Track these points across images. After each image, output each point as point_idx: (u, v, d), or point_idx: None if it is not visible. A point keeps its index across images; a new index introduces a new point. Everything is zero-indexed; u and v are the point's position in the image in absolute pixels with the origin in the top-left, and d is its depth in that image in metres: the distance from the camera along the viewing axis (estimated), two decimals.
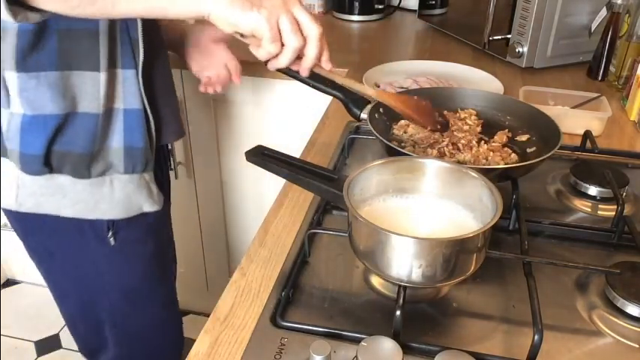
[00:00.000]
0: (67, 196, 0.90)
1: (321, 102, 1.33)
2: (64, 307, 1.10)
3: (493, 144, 0.92)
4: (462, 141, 0.91)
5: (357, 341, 0.60)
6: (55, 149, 0.86)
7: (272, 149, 0.79)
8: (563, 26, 1.41)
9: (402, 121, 0.97)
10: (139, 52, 0.85)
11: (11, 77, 0.82)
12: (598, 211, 0.91)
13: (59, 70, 0.81)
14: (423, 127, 0.92)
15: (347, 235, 0.71)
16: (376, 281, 0.75)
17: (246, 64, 1.09)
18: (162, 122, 0.95)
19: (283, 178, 0.78)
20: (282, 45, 0.71)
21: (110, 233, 0.94)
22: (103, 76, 0.83)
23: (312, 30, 0.71)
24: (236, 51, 1.06)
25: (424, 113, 0.92)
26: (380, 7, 1.88)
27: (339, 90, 0.91)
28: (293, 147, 1.53)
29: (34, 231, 0.98)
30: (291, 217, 0.88)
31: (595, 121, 1.13)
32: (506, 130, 0.96)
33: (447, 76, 1.35)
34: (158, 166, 1.00)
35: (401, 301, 0.64)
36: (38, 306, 2.02)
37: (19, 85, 0.82)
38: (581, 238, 0.84)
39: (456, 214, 0.73)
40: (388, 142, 0.85)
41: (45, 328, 1.93)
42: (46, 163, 0.87)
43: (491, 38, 1.50)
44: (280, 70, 0.77)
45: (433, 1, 1.75)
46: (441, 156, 0.88)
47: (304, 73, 0.76)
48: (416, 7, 1.80)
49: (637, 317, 0.69)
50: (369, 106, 0.90)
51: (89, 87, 0.83)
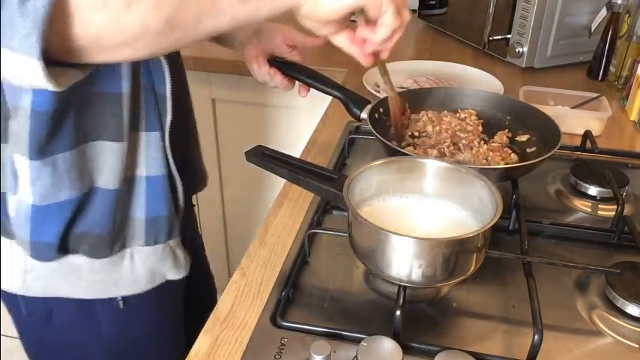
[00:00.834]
0: (82, 278, 0.79)
1: (321, 102, 1.33)
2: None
3: (493, 144, 0.92)
4: (463, 141, 0.91)
5: (357, 341, 0.60)
6: (72, 232, 0.75)
7: (272, 149, 0.79)
8: (563, 26, 1.41)
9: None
10: (167, 111, 0.74)
11: (23, 163, 0.70)
12: (598, 211, 0.91)
13: (76, 146, 0.70)
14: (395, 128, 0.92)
15: (347, 235, 0.71)
16: (376, 281, 0.75)
17: (245, 64, 1.09)
18: (190, 180, 0.86)
19: (283, 178, 0.78)
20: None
21: (120, 297, 0.83)
22: (124, 146, 0.71)
23: (407, 14, 0.69)
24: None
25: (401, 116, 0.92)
26: None
27: (339, 90, 0.91)
28: (293, 147, 1.54)
29: (36, 314, 0.85)
30: (291, 217, 0.88)
31: (595, 121, 1.13)
32: (506, 130, 0.96)
33: (446, 76, 1.35)
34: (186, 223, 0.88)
35: (401, 301, 0.64)
36: None
37: (32, 174, 0.70)
38: (581, 238, 0.84)
39: (456, 214, 0.73)
40: (388, 142, 0.85)
41: None
42: (61, 249, 0.76)
43: (491, 38, 1.50)
44: (283, 68, 0.76)
45: (433, 1, 1.75)
46: (441, 156, 0.88)
47: (385, 56, 0.74)
48: (416, 7, 1.80)
49: (637, 317, 0.69)
50: (369, 106, 0.90)
51: (109, 158, 0.72)
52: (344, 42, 0.70)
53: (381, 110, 0.94)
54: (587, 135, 1.04)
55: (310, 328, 0.66)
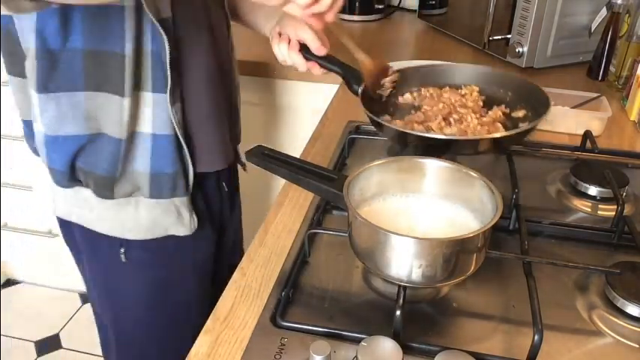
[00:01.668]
0: (93, 211, 0.90)
1: (321, 102, 1.33)
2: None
3: (484, 119, 0.91)
4: (455, 115, 0.90)
5: (357, 341, 0.60)
6: (78, 166, 0.86)
7: (272, 149, 0.79)
8: (563, 26, 1.41)
9: (408, 95, 0.98)
10: (168, 76, 0.81)
11: (33, 96, 0.81)
12: (598, 211, 0.91)
13: (85, 90, 0.80)
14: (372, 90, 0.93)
15: (347, 235, 0.71)
16: (376, 281, 0.75)
17: (246, 64, 1.10)
18: (201, 150, 0.91)
19: (283, 178, 0.78)
20: None
21: (122, 250, 0.93)
22: (126, 101, 0.80)
23: None
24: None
25: (376, 78, 0.93)
26: (380, 7, 1.88)
27: (339, 66, 0.91)
28: (293, 147, 1.54)
29: (67, 236, 1.00)
30: (291, 217, 0.88)
31: (595, 121, 1.13)
32: (503, 105, 0.95)
33: None
34: (214, 189, 0.98)
35: (401, 301, 0.64)
36: (38, 306, 2.02)
37: (40, 105, 0.81)
38: (581, 238, 0.84)
39: (456, 214, 0.73)
40: (370, 115, 0.86)
41: (45, 328, 1.93)
42: (73, 179, 0.87)
43: (491, 38, 1.50)
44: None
45: (433, 1, 1.75)
46: (427, 130, 0.87)
47: (330, 18, 0.75)
48: (416, 7, 1.80)
49: (637, 317, 0.69)
50: (365, 83, 0.90)
51: (113, 110, 0.81)
52: (295, 10, 0.73)
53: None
54: (587, 135, 1.04)
55: (310, 328, 0.66)
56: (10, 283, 2.11)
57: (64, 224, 0.98)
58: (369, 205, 0.74)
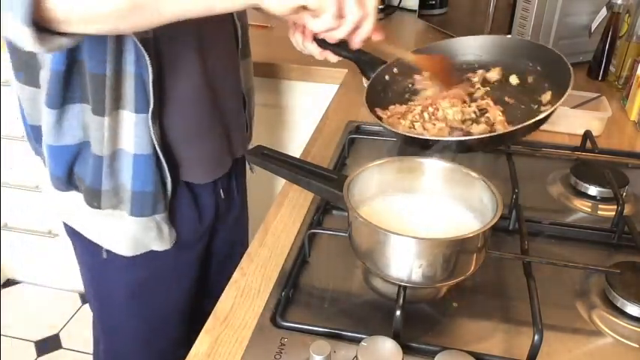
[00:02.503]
0: (83, 216, 0.91)
1: (321, 102, 1.33)
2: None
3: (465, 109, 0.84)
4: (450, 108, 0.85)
5: (357, 341, 0.60)
6: (75, 172, 0.87)
7: (272, 149, 0.79)
8: (563, 26, 1.41)
9: (417, 76, 0.91)
10: (150, 98, 0.81)
11: (43, 110, 0.83)
12: (598, 211, 0.91)
13: (81, 103, 0.81)
14: (446, 87, 0.86)
15: (347, 235, 0.71)
16: (376, 281, 0.75)
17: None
18: (189, 163, 0.91)
19: (283, 178, 0.78)
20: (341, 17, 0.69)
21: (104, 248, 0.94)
22: (106, 120, 0.80)
23: (372, 2, 0.71)
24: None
25: (448, 73, 0.88)
26: (380, 7, 1.88)
27: (352, 52, 0.86)
28: (293, 147, 1.54)
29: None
30: (291, 217, 0.88)
31: (595, 121, 1.13)
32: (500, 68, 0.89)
33: None
34: (209, 197, 0.98)
35: (401, 301, 0.64)
36: (38, 306, 2.02)
37: (48, 120, 0.82)
38: (581, 238, 0.84)
39: (456, 214, 0.73)
40: (369, 107, 0.82)
41: (45, 328, 1.93)
42: (70, 183, 0.89)
43: None
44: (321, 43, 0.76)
45: (433, 1, 1.75)
46: (412, 124, 0.82)
47: (357, 46, 0.76)
48: (416, 7, 1.80)
49: (637, 317, 0.69)
50: (380, 68, 0.87)
51: (92, 127, 0.82)
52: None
53: (395, 71, 0.89)
54: (587, 135, 1.04)
55: (310, 328, 0.66)
56: (10, 283, 2.11)
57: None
58: (369, 205, 0.74)
